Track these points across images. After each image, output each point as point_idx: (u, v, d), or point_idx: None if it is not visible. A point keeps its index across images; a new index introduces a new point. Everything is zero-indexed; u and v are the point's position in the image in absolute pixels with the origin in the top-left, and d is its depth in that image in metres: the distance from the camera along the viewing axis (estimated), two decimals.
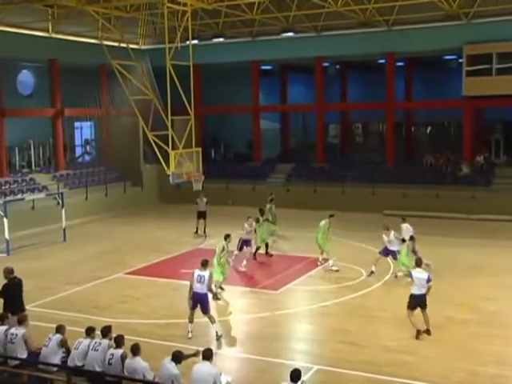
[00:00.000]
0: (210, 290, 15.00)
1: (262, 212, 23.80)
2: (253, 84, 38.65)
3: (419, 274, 14.86)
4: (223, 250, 18.31)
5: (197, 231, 27.49)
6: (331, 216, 21.92)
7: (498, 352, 13.89)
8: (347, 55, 36.50)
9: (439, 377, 12.55)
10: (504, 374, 12.84)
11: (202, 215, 27.72)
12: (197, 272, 14.82)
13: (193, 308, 14.84)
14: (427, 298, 14.70)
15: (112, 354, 10.47)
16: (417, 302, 14.72)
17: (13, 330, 11.21)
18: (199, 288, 14.68)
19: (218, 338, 14.80)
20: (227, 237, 18.75)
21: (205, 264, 15.01)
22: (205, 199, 27.86)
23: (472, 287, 19.04)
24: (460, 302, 17.58)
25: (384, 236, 20.05)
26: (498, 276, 20.12)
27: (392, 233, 20.04)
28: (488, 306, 17.07)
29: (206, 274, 14.77)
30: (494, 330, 15.21)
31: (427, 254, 22.98)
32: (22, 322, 11.45)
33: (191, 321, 14.90)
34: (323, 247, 21.61)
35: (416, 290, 14.74)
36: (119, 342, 10.62)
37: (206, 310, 14.82)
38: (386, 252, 20.24)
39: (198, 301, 14.77)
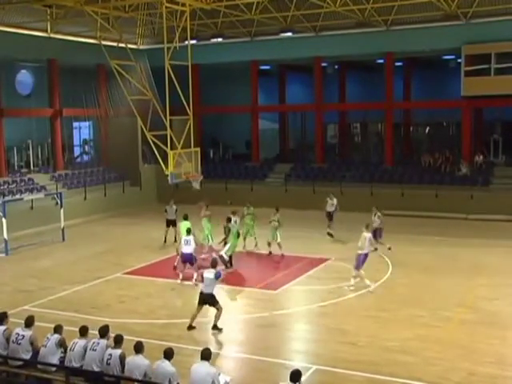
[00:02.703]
0: (196, 244, 20.08)
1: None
2: (251, 84, 38.62)
3: (208, 274, 15.33)
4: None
5: (165, 240, 25.86)
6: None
7: (497, 352, 13.88)
8: (346, 55, 36.48)
9: (438, 377, 12.53)
10: (503, 375, 12.82)
11: (171, 223, 26.08)
12: (184, 238, 19.70)
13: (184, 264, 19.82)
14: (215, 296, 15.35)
15: (110, 354, 10.43)
16: (204, 299, 15.29)
17: (19, 331, 11.11)
18: (187, 249, 19.42)
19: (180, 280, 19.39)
20: (187, 217, 22.09)
21: (189, 231, 19.77)
22: (174, 207, 26.32)
23: (471, 287, 19.04)
24: (459, 301, 17.57)
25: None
26: (496, 276, 20.12)
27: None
28: (487, 306, 17.08)
29: (191, 238, 19.56)
30: (494, 330, 15.20)
31: (425, 254, 23.16)
32: (29, 324, 11.28)
33: (182, 271, 19.86)
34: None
35: (204, 289, 15.34)
36: (118, 341, 10.58)
37: (192, 264, 19.64)
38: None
39: (187, 259, 19.51)
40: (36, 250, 25.24)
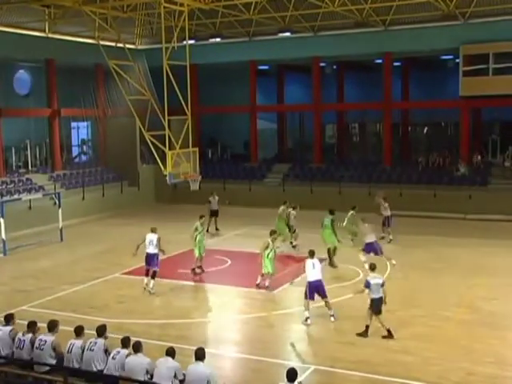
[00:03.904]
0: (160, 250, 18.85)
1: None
2: (250, 84, 38.60)
3: (377, 279, 15.04)
4: (196, 229, 20.67)
5: (207, 230, 26.69)
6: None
7: (496, 352, 13.89)
8: (344, 55, 36.50)
9: (437, 377, 12.53)
10: (502, 374, 12.82)
11: (214, 214, 27.81)
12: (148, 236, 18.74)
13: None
14: None
15: (118, 352, 10.47)
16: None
17: (41, 337, 11.06)
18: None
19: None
20: (201, 217, 21.35)
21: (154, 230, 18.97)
22: (217, 197, 28.10)
23: (470, 287, 19.04)
24: (458, 301, 17.58)
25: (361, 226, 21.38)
26: (495, 276, 20.13)
27: (366, 225, 21.27)
28: (486, 306, 17.08)
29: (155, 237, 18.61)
30: (492, 330, 15.20)
31: (423, 254, 23.17)
32: (51, 328, 11.22)
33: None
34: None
35: (377, 295, 15.05)
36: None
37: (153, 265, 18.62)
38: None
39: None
40: (34, 250, 25.21)
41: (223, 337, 15.43)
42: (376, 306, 14.72)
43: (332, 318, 15.96)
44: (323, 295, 16.13)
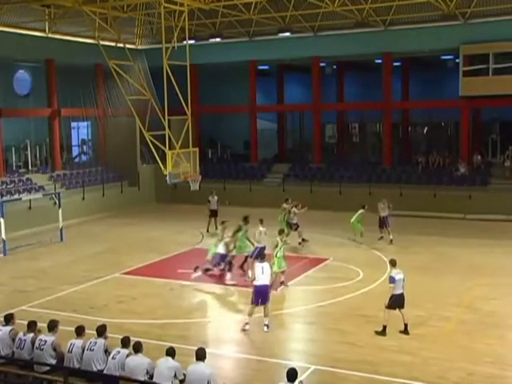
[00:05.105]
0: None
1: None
2: (250, 84, 38.60)
3: (400, 275, 15.11)
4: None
5: (207, 230, 27.50)
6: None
7: (495, 352, 13.89)
8: (344, 55, 36.49)
9: (437, 377, 12.53)
10: (502, 374, 12.83)
11: (214, 214, 27.86)
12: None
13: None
14: None
15: (118, 351, 10.48)
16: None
17: (42, 337, 11.07)
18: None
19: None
20: (223, 222, 21.53)
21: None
22: (216, 197, 28.25)
23: (469, 287, 19.04)
24: (457, 301, 17.58)
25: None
26: (495, 276, 20.14)
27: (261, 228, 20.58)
28: (485, 306, 17.08)
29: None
30: (492, 330, 15.21)
31: (423, 254, 23.17)
32: (51, 328, 11.21)
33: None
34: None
35: (399, 291, 15.16)
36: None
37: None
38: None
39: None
40: (34, 250, 25.21)
41: (223, 337, 15.43)
42: (400, 301, 14.93)
43: (265, 328, 15.38)
44: (264, 301, 15.48)
